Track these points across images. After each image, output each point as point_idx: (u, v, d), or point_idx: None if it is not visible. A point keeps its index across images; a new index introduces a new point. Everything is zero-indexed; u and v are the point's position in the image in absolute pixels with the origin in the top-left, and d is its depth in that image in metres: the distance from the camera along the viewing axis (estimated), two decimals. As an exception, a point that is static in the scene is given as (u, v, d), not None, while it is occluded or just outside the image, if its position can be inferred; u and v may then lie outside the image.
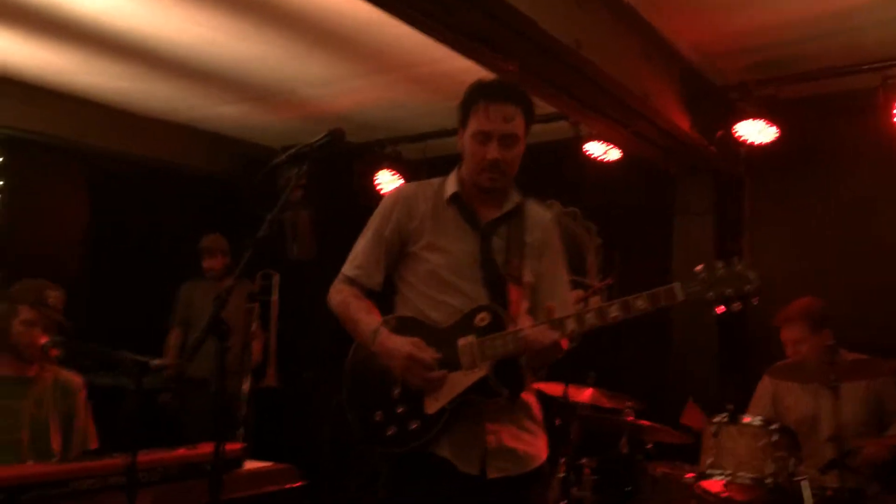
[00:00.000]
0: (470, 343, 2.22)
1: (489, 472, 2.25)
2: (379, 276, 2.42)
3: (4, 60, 4.57)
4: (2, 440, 2.93)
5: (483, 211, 2.40)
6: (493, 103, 2.29)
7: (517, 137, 2.32)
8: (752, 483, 3.25)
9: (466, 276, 2.32)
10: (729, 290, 2.08)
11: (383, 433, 2.28)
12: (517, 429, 2.31)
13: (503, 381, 2.22)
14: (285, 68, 4.60)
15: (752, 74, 4.49)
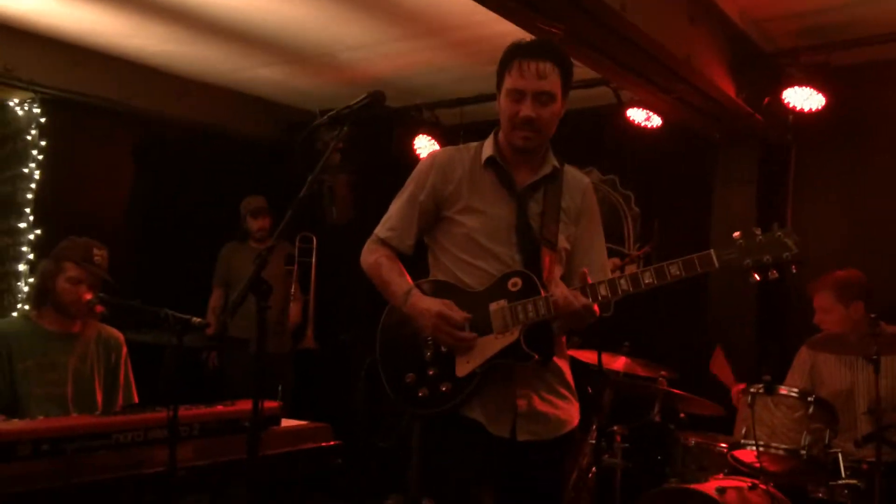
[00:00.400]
0: (502, 307, 2.23)
1: (519, 435, 2.27)
2: (410, 240, 2.44)
3: (56, 25, 4.63)
4: (48, 393, 3.02)
5: (520, 175, 2.38)
6: (528, 60, 2.26)
7: (552, 95, 2.28)
8: (786, 454, 3.24)
9: (502, 241, 2.31)
10: (767, 257, 2.04)
11: (415, 395, 2.31)
12: (549, 393, 2.32)
13: (534, 345, 2.23)
14: (327, 31, 4.59)
15: (801, 40, 4.36)
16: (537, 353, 2.23)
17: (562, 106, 2.35)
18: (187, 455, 2.50)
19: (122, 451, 2.42)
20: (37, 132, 5.06)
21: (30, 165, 5.04)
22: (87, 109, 5.18)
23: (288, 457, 2.84)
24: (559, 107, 2.33)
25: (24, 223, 5.01)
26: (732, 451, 3.43)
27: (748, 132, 4.77)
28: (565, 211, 2.37)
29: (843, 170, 4.77)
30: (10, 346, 2.99)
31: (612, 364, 4.10)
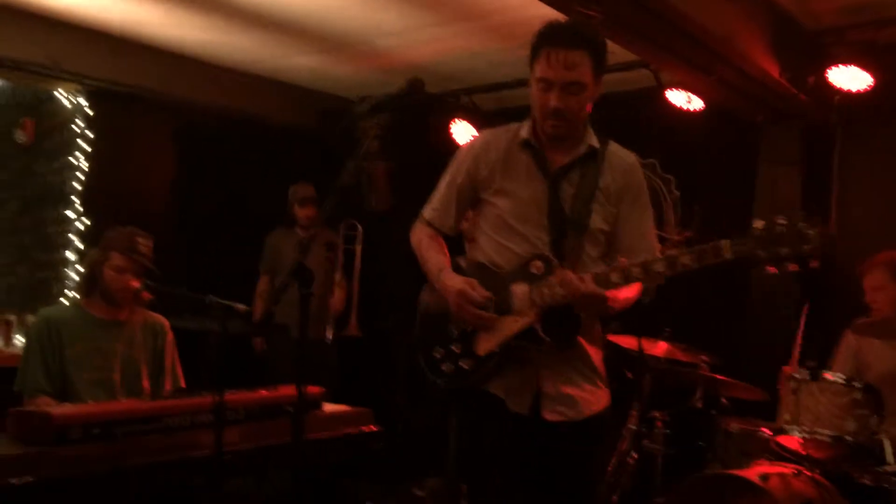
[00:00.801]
0: (522, 290, 2.26)
1: (543, 414, 2.29)
2: (451, 221, 2.49)
3: (100, 17, 4.71)
4: (96, 378, 3.09)
5: (555, 156, 2.37)
6: (555, 49, 2.23)
7: (581, 85, 2.26)
8: (831, 440, 3.19)
9: (532, 222, 2.32)
10: (785, 249, 1.96)
11: (440, 369, 2.38)
12: (576, 375, 2.32)
13: (554, 329, 2.23)
14: (363, 18, 4.60)
15: (846, 17, 4.26)
16: (555, 336, 2.23)
17: (594, 90, 2.33)
18: (233, 439, 2.55)
19: (170, 435, 2.48)
20: (84, 123, 5.17)
21: (77, 155, 5.16)
22: (130, 99, 5.27)
23: (330, 441, 2.88)
24: (590, 94, 2.31)
25: (72, 212, 5.13)
26: (776, 437, 3.39)
27: (792, 113, 4.67)
28: (603, 191, 2.34)
29: (891, 150, 4.65)
30: (61, 333, 3.07)
31: (653, 350, 4.07)
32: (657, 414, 4.08)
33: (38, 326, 3.09)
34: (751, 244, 1.99)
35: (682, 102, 4.79)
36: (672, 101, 4.79)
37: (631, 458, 4.14)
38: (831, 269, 4.76)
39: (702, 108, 4.79)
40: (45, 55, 4.77)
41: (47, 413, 2.32)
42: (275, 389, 2.89)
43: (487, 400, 2.32)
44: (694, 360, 4.03)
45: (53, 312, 3.22)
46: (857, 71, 4.20)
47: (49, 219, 5.25)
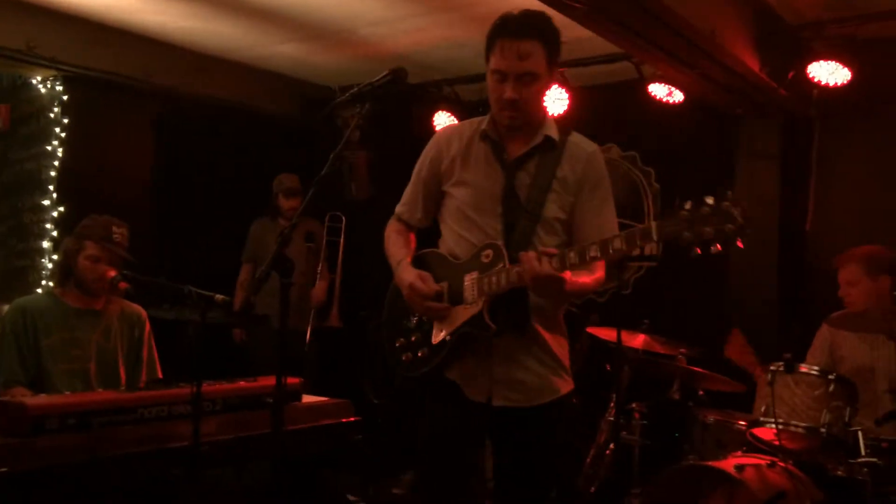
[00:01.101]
0: (472, 278, 2.29)
1: (494, 400, 2.31)
2: (419, 214, 2.54)
3: (78, 1, 4.65)
4: (72, 369, 3.06)
5: (512, 147, 2.39)
6: (508, 40, 2.25)
7: (534, 75, 2.27)
8: (806, 432, 3.23)
9: (487, 212, 2.35)
10: (708, 229, 1.92)
11: (400, 358, 2.43)
12: (531, 362, 2.34)
13: (501, 315, 2.25)
14: (346, 7, 4.56)
15: (827, 12, 4.29)
16: (502, 323, 2.25)
17: (549, 80, 2.35)
18: (211, 430, 2.54)
19: (147, 426, 2.47)
20: (59, 109, 5.09)
21: (53, 143, 5.08)
22: (108, 86, 5.20)
23: (309, 432, 2.87)
24: (544, 83, 2.33)
25: (48, 200, 5.06)
26: (751, 428, 3.42)
27: (771, 107, 4.71)
28: (561, 180, 2.35)
29: (869, 145, 4.70)
30: (36, 323, 3.04)
31: (631, 341, 4.10)
32: (635, 405, 4.12)
33: (12, 316, 3.05)
34: (677, 225, 1.96)
35: (663, 95, 4.81)
36: (653, 93, 4.81)
37: (608, 450, 4.17)
38: (805, 262, 4.83)
39: (682, 100, 4.81)
40: (22, 40, 4.69)
41: (23, 404, 2.30)
42: (254, 380, 2.88)
43: (445, 387, 2.36)
44: (672, 352, 4.07)
45: (28, 302, 3.16)
46: (836, 66, 4.23)
47: (25, 207, 5.18)
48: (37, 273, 5.05)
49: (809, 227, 4.83)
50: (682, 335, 4.19)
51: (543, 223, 2.33)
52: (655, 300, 5.13)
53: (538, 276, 2.12)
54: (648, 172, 5.52)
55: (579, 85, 5.11)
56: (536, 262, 2.12)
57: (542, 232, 2.33)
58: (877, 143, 4.66)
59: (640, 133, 5.46)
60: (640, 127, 5.38)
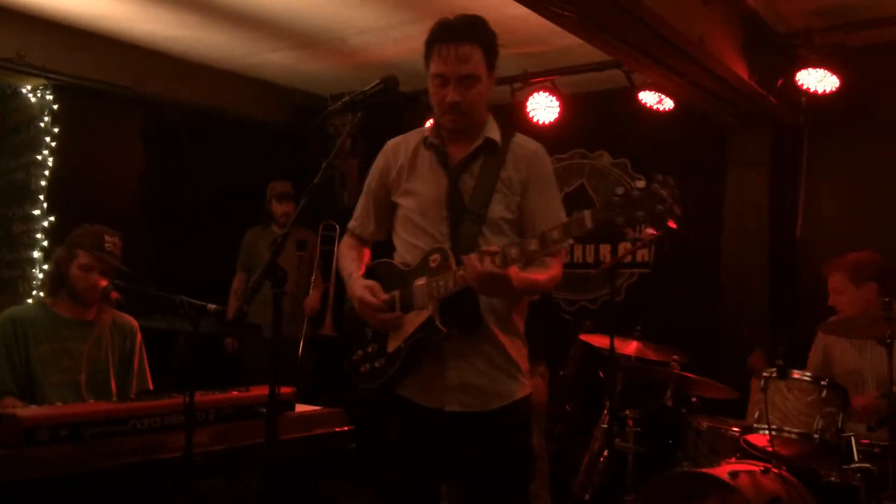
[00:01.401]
0: (421, 284, 2.29)
1: (447, 406, 2.30)
2: (371, 227, 2.56)
3: (68, 10, 4.63)
4: (62, 380, 3.04)
5: (455, 150, 2.39)
6: (447, 44, 2.27)
7: (475, 77, 2.29)
8: (799, 438, 3.24)
9: (434, 217, 2.35)
10: (640, 212, 1.91)
11: (360, 370, 2.43)
12: (485, 366, 2.31)
13: (451, 318, 2.24)
14: (336, 15, 4.57)
15: (815, 21, 4.32)
16: (452, 326, 2.24)
17: (489, 83, 2.36)
18: (203, 440, 2.52)
19: (140, 437, 2.45)
20: (49, 119, 5.07)
21: (43, 152, 5.06)
22: (98, 95, 5.19)
23: (302, 441, 2.86)
24: (484, 86, 2.34)
25: (38, 210, 5.04)
26: (745, 435, 3.43)
27: (761, 114, 4.74)
28: (505, 181, 2.35)
29: (858, 152, 4.73)
30: (27, 332, 3.02)
31: (624, 349, 4.10)
32: (628, 412, 4.12)
33: (2, 326, 3.02)
34: (610, 211, 1.96)
35: (653, 103, 4.84)
36: (644, 101, 4.83)
37: (602, 457, 4.17)
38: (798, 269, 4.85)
39: (672, 108, 4.84)
40: (12, 49, 4.67)
41: (15, 415, 2.28)
42: (246, 390, 2.86)
43: (398, 401, 2.36)
44: (665, 358, 4.07)
45: (19, 312, 3.14)
46: (824, 73, 4.27)
47: (15, 217, 5.15)
48: (27, 283, 5.02)
49: (800, 234, 4.86)
50: (674, 342, 4.20)
51: (489, 224, 2.32)
52: (648, 307, 5.15)
53: (481, 276, 2.10)
54: (639, 179, 5.53)
55: (569, 93, 5.13)
56: (478, 262, 2.11)
57: (488, 233, 2.32)
58: (866, 149, 4.70)
59: (631, 140, 5.48)
60: (631, 134, 5.40)
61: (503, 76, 5.25)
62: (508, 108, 5.09)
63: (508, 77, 5.15)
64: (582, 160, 5.76)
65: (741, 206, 4.89)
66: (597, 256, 5.62)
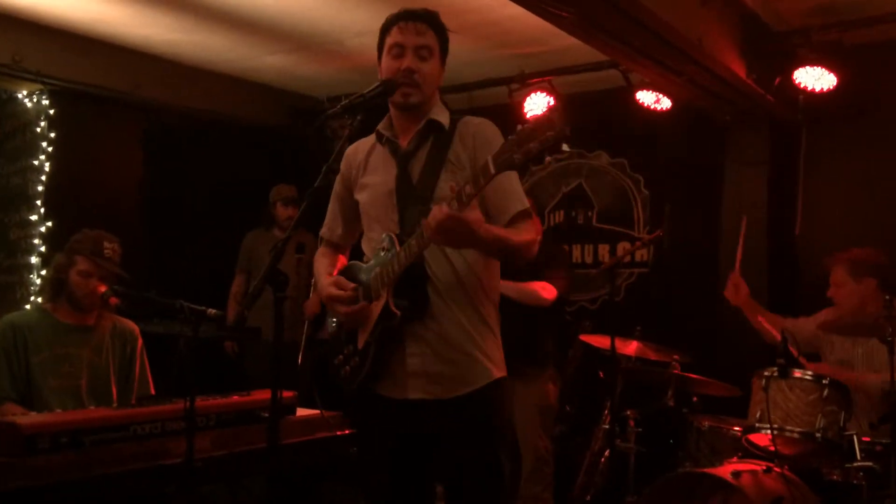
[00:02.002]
0: (375, 274, 2.29)
1: (409, 393, 2.28)
2: (339, 230, 2.59)
3: (64, 15, 4.62)
4: (63, 386, 3.03)
5: (405, 139, 2.40)
6: (405, 21, 2.35)
7: (430, 49, 2.34)
8: (801, 437, 3.24)
9: (385, 207, 2.35)
10: (534, 143, 1.89)
11: (341, 373, 2.42)
12: (448, 351, 2.27)
13: (404, 301, 2.23)
14: (333, 18, 4.56)
15: (813, 19, 4.32)
16: (406, 308, 2.23)
17: (441, 70, 2.40)
18: (205, 445, 2.52)
19: (141, 443, 2.44)
20: (46, 124, 5.05)
21: (40, 157, 5.04)
22: (95, 100, 5.18)
23: (304, 446, 2.85)
24: (438, 66, 2.38)
25: (36, 215, 5.02)
26: (747, 434, 3.42)
27: (758, 113, 4.74)
28: (453, 160, 2.33)
29: (856, 150, 4.74)
30: (26, 339, 3.01)
31: (625, 349, 4.09)
32: (629, 413, 4.11)
33: (2, 332, 3.01)
34: (508, 152, 1.93)
35: (651, 102, 4.84)
36: (641, 101, 4.83)
37: (603, 458, 4.17)
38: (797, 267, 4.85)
39: (670, 107, 4.83)
40: (7, 54, 4.66)
41: (15, 422, 2.27)
42: (247, 395, 2.86)
43: (376, 397, 2.35)
44: (665, 358, 4.07)
45: (18, 318, 3.13)
46: (822, 72, 4.27)
47: (12, 222, 5.14)
48: (25, 289, 5.01)
49: (799, 232, 4.86)
50: (674, 341, 4.20)
51: (437, 204, 2.23)
52: (647, 307, 5.14)
53: (440, 222, 2.01)
54: (637, 179, 5.54)
55: (567, 93, 5.13)
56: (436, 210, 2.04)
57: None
58: (864, 147, 4.70)
59: (629, 140, 5.48)
60: (629, 134, 5.40)
61: (500, 77, 5.26)
62: (506, 108, 5.08)
63: (506, 77, 5.15)
64: (580, 160, 5.76)
65: (740, 204, 4.88)
66: (596, 256, 5.62)
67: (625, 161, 5.59)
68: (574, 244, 5.66)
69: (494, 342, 2.37)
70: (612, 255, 5.47)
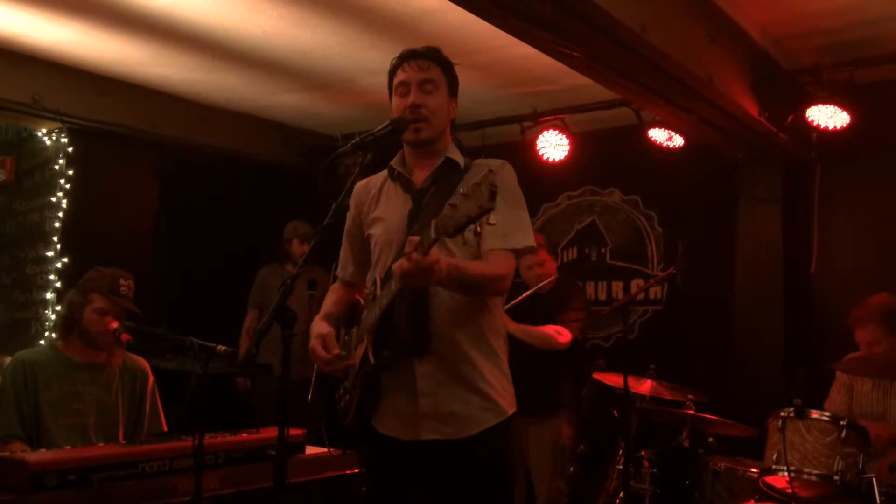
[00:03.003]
0: (364, 316, 2.31)
1: (422, 434, 2.25)
2: (351, 268, 2.59)
3: (83, 55, 4.71)
4: (71, 424, 3.01)
5: (418, 175, 2.40)
6: (409, 60, 2.38)
7: (435, 83, 2.36)
8: (819, 479, 3.16)
9: (393, 246, 2.33)
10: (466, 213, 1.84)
11: (340, 406, 2.44)
12: (459, 390, 2.25)
13: (387, 345, 2.22)
14: (347, 57, 4.63)
15: (823, 57, 4.33)
16: (384, 357, 2.22)
17: (450, 103, 2.40)
18: (213, 484, 2.50)
19: (148, 481, 2.43)
20: (64, 161, 5.13)
21: (57, 194, 5.11)
22: (112, 138, 5.25)
23: (312, 484, 2.82)
24: (445, 99, 2.38)
25: (52, 251, 5.07)
26: (763, 476, 3.36)
27: (771, 151, 4.73)
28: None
29: (870, 187, 4.71)
30: (37, 376, 2.99)
31: (638, 387, 4.04)
32: (644, 453, 4.04)
33: (13, 370, 3.00)
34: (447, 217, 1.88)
35: (663, 140, 4.85)
36: (654, 138, 4.84)
37: (618, 498, 4.09)
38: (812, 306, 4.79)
39: (683, 145, 4.84)
40: (28, 94, 4.75)
41: (23, 459, 2.26)
42: (256, 432, 2.84)
43: (374, 437, 2.34)
44: (680, 397, 4.01)
45: (29, 355, 3.12)
46: (835, 109, 4.27)
47: (28, 258, 5.19)
48: (40, 325, 5.03)
49: (814, 270, 4.81)
50: (688, 379, 4.14)
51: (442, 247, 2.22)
52: (661, 344, 5.09)
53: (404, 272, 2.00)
54: (651, 216, 5.53)
55: (580, 131, 5.15)
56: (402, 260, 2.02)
57: (452, 253, 2.26)
58: (878, 184, 4.67)
59: (642, 177, 5.48)
60: (642, 171, 5.40)
61: (513, 115, 5.29)
62: (518, 146, 5.11)
63: (518, 115, 5.18)
64: (593, 197, 5.76)
65: (754, 242, 4.86)
66: (609, 293, 5.59)
67: (638, 198, 5.59)
68: (587, 281, 5.64)
69: (503, 375, 2.35)
70: (626, 292, 5.44)
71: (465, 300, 2.27)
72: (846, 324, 3.68)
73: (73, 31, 4.40)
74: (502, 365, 2.36)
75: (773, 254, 4.78)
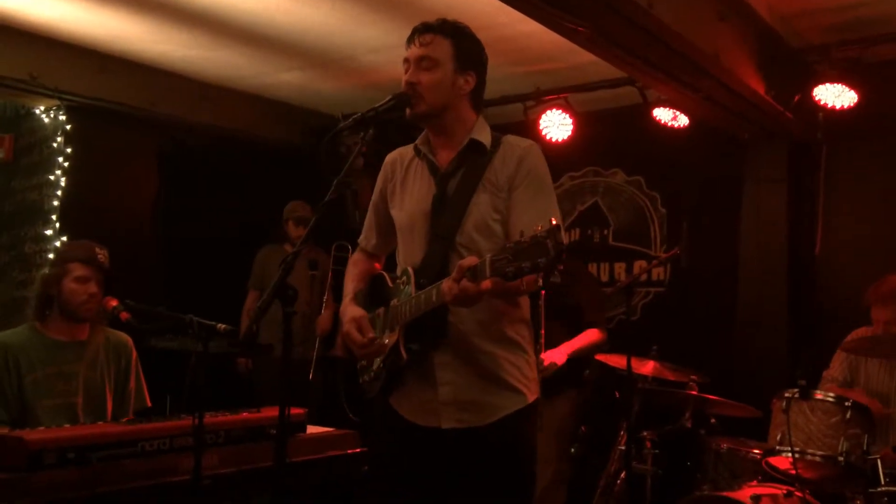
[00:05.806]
0: (394, 305, 2.27)
1: (442, 423, 2.24)
2: (374, 240, 2.56)
3: (82, 32, 4.65)
4: (57, 404, 2.95)
5: (443, 157, 2.35)
6: (416, 35, 2.33)
7: (433, 60, 2.28)
8: (823, 460, 3.15)
9: (418, 230, 2.32)
10: (526, 263, 1.85)
11: (362, 379, 2.43)
12: (478, 379, 2.24)
13: (416, 343, 2.21)
14: (348, 34, 4.57)
15: (831, 36, 4.28)
16: (415, 352, 2.21)
17: (455, 77, 2.31)
18: (213, 462, 2.48)
19: (148, 460, 2.41)
20: (62, 139, 5.09)
21: (56, 172, 5.08)
22: (112, 116, 5.21)
23: (314, 464, 2.81)
24: (448, 75, 2.29)
25: (51, 230, 5.04)
26: (767, 457, 3.34)
27: (777, 130, 4.68)
28: (491, 181, 2.28)
29: (876, 168, 4.67)
30: (18, 359, 2.91)
31: (641, 368, 4.02)
32: (646, 434, 4.03)
33: None
34: (502, 261, 1.88)
35: (668, 119, 4.79)
36: (658, 118, 4.79)
37: (620, 479, 4.08)
38: (819, 285, 4.77)
39: (687, 125, 4.79)
40: (25, 70, 4.70)
41: (21, 437, 2.24)
42: (257, 411, 2.82)
43: (391, 417, 2.33)
44: (683, 378, 3.99)
45: (9, 338, 3.00)
46: (842, 88, 4.22)
47: (27, 237, 5.16)
48: (39, 303, 5.01)
49: (819, 251, 4.78)
50: (691, 360, 4.12)
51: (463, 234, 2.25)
52: (664, 326, 5.07)
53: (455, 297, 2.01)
54: (654, 197, 5.49)
55: (583, 110, 5.10)
56: (447, 289, 2.03)
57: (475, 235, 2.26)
58: (885, 164, 4.63)
59: (646, 158, 5.44)
60: (645, 151, 5.35)
61: (516, 94, 5.24)
62: (521, 125, 5.06)
63: (521, 95, 5.13)
64: (596, 178, 5.72)
65: (758, 223, 4.82)
66: (612, 275, 5.57)
67: (641, 179, 5.54)
68: (590, 263, 5.61)
69: (527, 362, 2.33)
70: (629, 273, 5.42)
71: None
72: (862, 302, 3.65)
73: (71, 7, 4.34)
74: (525, 354, 2.33)
75: (778, 234, 4.74)
